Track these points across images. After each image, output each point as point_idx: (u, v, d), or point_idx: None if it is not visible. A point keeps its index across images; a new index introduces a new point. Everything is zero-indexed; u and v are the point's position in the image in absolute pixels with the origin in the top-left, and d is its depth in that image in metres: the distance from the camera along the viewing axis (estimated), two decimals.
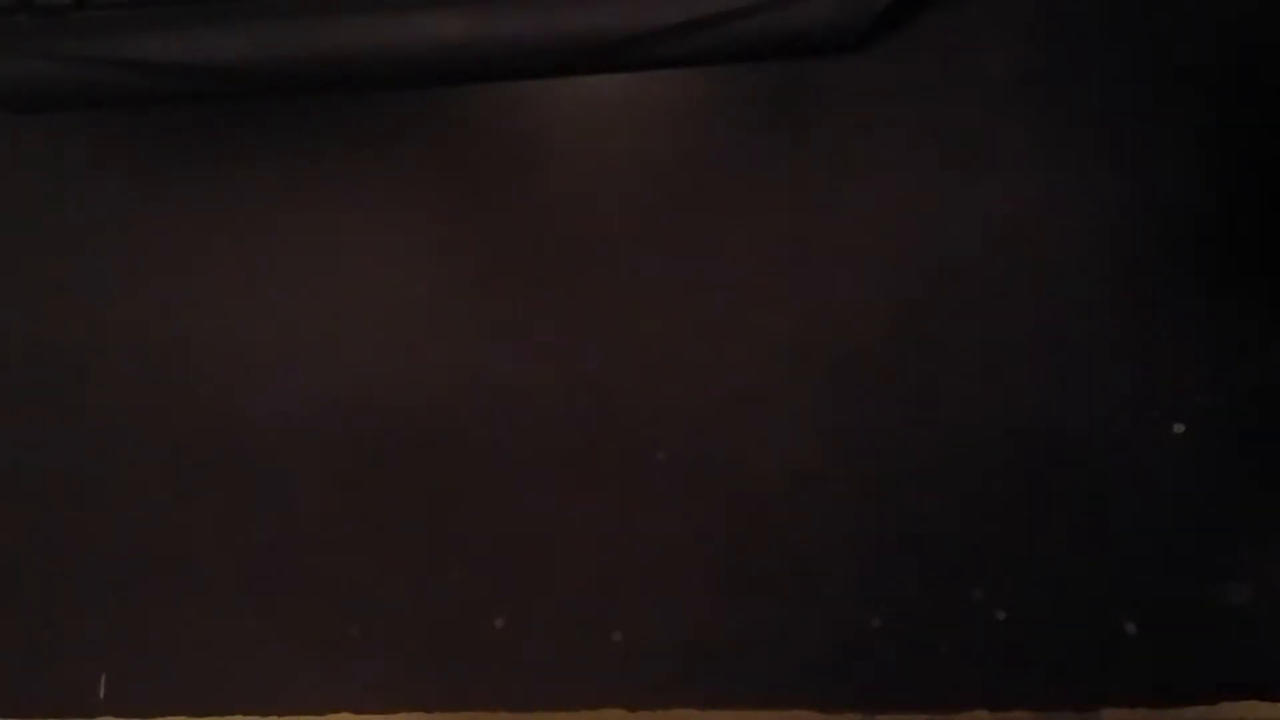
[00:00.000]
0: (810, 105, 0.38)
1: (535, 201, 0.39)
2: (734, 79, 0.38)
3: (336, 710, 0.37)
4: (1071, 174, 0.37)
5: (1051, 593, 0.36)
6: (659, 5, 0.36)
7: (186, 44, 0.37)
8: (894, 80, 0.38)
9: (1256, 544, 0.35)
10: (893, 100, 0.38)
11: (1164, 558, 0.35)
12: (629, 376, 0.38)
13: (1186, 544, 0.35)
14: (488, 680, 0.37)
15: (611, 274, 0.38)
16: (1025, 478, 0.36)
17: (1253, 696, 0.35)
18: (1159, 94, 0.37)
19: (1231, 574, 0.35)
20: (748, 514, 0.37)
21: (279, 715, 0.37)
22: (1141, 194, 0.37)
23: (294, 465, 0.38)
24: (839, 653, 0.36)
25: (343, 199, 0.39)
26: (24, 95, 0.39)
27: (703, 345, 0.37)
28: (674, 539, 0.37)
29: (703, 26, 0.36)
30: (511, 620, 0.37)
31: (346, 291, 0.39)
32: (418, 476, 0.38)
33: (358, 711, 0.37)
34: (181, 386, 0.39)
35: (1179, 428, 0.36)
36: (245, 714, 0.37)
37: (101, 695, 0.38)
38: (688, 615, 0.37)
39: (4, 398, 0.40)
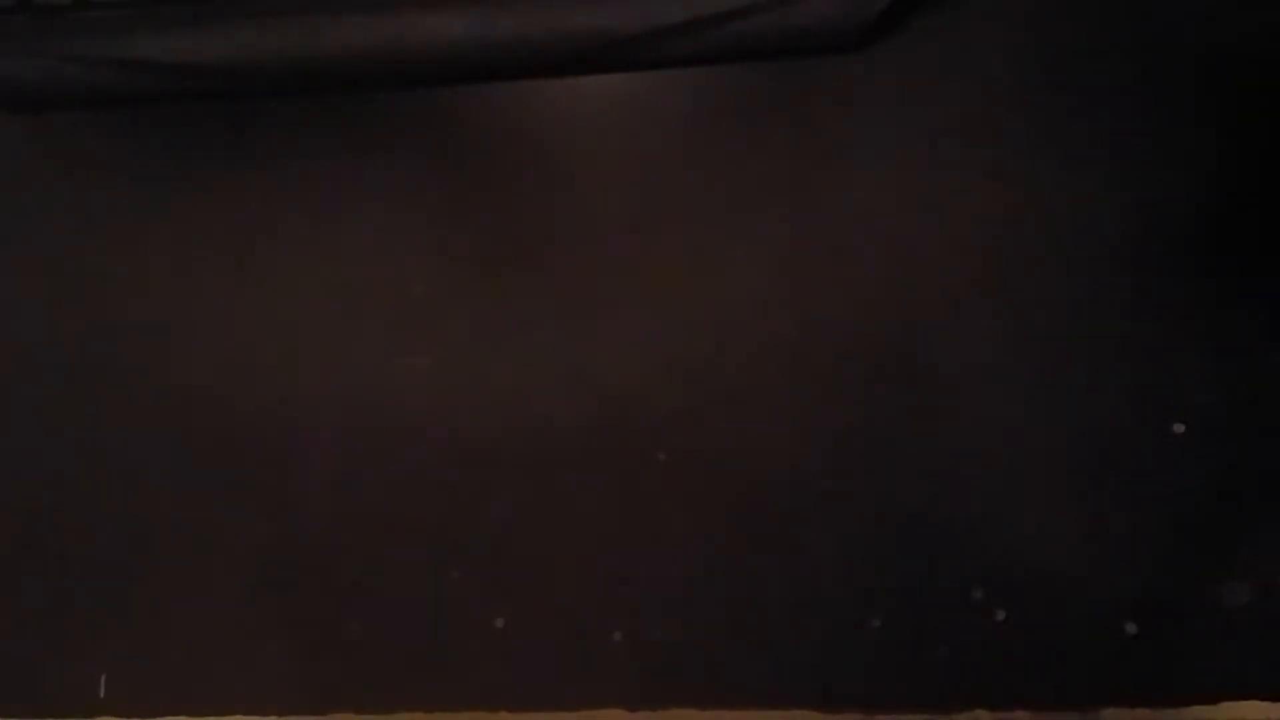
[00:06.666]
0: (810, 105, 0.38)
1: (535, 201, 0.39)
2: (734, 79, 0.38)
3: (336, 710, 0.37)
4: (1071, 174, 0.37)
5: (1051, 593, 0.36)
6: (660, 5, 0.36)
7: (186, 44, 0.37)
8: (894, 80, 0.38)
9: (1256, 544, 0.35)
10: (893, 100, 0.38)
11: (1164, 558, 0.35)
12: (629, 376, 0.38)
13: (1186, 544, 0.35)
14: (488, 680, 0.37)
15: (611, 274, 0.38)
16: (1025, 478, 0.36)
17: (1253, 696, 0.35)
18: (1159, 93, 0.37)
19: (1231, 574, 0.35)
20: (748, 514, 0.37)
21: (279, 715, 0.37)
22: (1141, 194, 0.37)
23: (294, 465, 0.38)
24: (839, 653, 0.36)
25: (343, 199, 0.39)
26: (24, 95, 0.39)
27: (703, 345, 0.37)
28: (674, 539, 0.37)
29: (703, 26, 0.36)
30: (511, 620, 0.37)
31: (346, 291, 0.39)
32: (418, 476, 0.38)
33: (358, 711, 0.37)
34: (181, 386, 0.39)
35: (1179, 428, 0.36)
36: (245, 714, 0.37)
37: (101, 695, 0.38)
38: (688, 615, 0.37)
39: (4, 397, 0.40)
